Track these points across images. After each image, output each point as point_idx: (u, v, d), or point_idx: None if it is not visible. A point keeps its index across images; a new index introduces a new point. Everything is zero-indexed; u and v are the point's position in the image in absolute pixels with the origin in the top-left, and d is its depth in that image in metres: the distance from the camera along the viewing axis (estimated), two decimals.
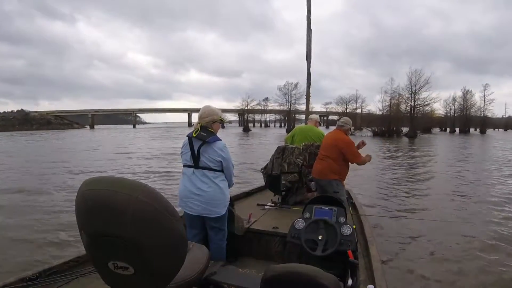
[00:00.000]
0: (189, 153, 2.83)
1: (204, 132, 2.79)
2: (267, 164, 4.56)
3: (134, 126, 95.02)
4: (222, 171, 2.85)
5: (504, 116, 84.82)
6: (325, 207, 2.94)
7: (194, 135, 2.79)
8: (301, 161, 4.38)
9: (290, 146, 4.57)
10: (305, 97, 8.70)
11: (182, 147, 2.93)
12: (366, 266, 2.61)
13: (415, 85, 51.44)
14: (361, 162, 4.17)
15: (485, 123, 68.94)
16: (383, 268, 2.50)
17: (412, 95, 51.75)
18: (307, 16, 8.13)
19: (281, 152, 4.46)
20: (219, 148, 2.80)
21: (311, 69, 8.20)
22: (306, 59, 8.09)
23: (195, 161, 2.80)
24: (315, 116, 5.33)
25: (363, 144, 4.40)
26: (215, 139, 2.80)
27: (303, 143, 4.60)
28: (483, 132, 65.83)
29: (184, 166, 2.90)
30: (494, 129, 79.79)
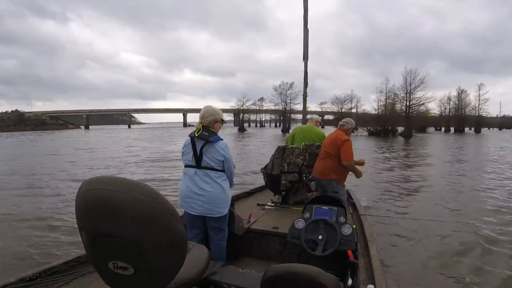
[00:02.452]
0: (191, 153, 2.83)
1: (206, 131, 2.81)
2: (267, 164, 4.56)
3: (129, 127, 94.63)
4: (224, 170, 2.86)
5: (499, 115, 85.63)
6: (325, 207, 2.94)
7: (196, 135, 2.79)
8: (301, 161, 4.39)
9: (290, 146, 4.58)
10: (300, 96, 8.73)
11: (184, 147, 2.93)
12: (366, 266, 2.60)
13: (410, 85, 51.62)
14: (352, 165, 4.14)
15: (480, 123, 69.34)
16: (383, 268, 2.49)
17: (408, 94, 51.96)
18: (304, 15, 8.10)
19: (281, 152, 4.47)
20: (221, 148, 2.81)
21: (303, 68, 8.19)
22: (303, 59, 8.06)
23: (198, 161, 2.80)
24: (315, 116, 5.32)
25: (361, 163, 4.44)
26: (217, 139, 2.82)
27: (303, 143, 4.60)
28: (478, 131, 66.18)
29: (186, 166, 2.90)
30: (488, 128, 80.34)
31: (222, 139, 2.86)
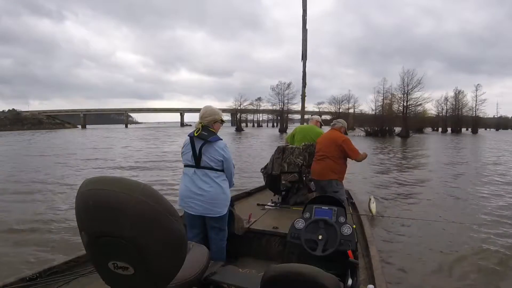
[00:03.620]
0: (191, 153, 2.83)
1: (206, 131, 2.81)
2: (267, 164, 4.58)
3: (126, 126, 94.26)
4: (223, 170, 2.86)
5: (496, 116, 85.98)
6: (325, 207, 2.94)
7: (195, 135, 2.79)
8: (301, 161, 4.39)
9: (290, 146, 4.59)
10: (298, 96, 8.75)
11: (183, 147, 2.93)
12: (366, 266, 2.62)
13: (407, 85, 51.72)
14: (360, 158, 4.21)
15: (476, 123, 69.44)
16: (383, 268, 2.49)
17: (405, 95, 52.04)
18: (302, 16, 8.10)
19: (281, 152, 4.48)
20: (220, 148, 2.81)
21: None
22: (302, 59, 8.07)
23: (197, 161, 2.80)
24: (316, 117, 5.31)
25: None
26: (217, 139, 2.82)
27: (303, 143, 4.60)
28: (474, 132, 66.35)
29: (185, 166, 2.90)
30: (485, 129, 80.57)
31: (221, 139, 2.86)
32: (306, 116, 7.54)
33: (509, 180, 10.73)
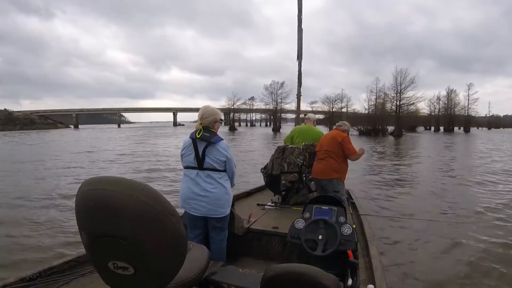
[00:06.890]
0: (193, 154, 2.79)
1: (207, 132, 2.78)
2: (267, 164, 4.57)
3: (119, 126, 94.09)
4: (225, 171, 2.84)
5: (488, 115, 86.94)
6: (325, 207, 2.94)
7: (197, 136, 2.75)
8: (301, 161, 4.40)
9: (290, 146, 4.59)
10: (291, 96, 8.71)
11: (183, 148, 2.88)
12: (366, 266, 2.62)
13: (400, 85, 52.16)
14: (356, 157, 4.23)
15: (469, 122, 70.30)
16: (383, 268, 2.49)
17: (398, 94, 52.44)
18: (298, 15, 8.09)
19: (281, 152, 4.48)
20: (223, 148, 2.79)
21: (296, 67, 8.18)
22: (297, 58, 8.05)
23: (200, 163, 2.77)
24: (312, 115, 5.25)
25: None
26: (219, 139, 2.79)
27: (303, 143, 4.60)
28: (467, 131, 67.06)
29: (186, 168, 2.85)
30: (477, 128, 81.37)
31: (222, 139, 2.84)
32: (301, 115, 7.52)
33: (504, 180, 10.84)
